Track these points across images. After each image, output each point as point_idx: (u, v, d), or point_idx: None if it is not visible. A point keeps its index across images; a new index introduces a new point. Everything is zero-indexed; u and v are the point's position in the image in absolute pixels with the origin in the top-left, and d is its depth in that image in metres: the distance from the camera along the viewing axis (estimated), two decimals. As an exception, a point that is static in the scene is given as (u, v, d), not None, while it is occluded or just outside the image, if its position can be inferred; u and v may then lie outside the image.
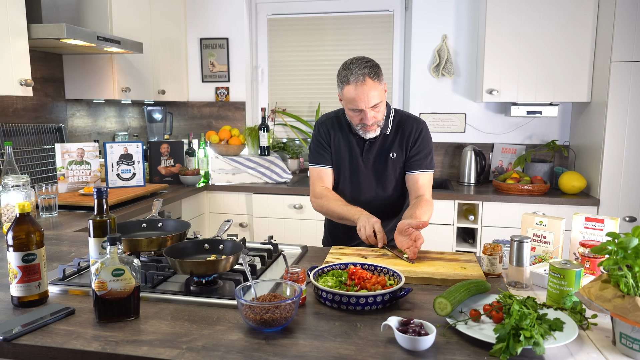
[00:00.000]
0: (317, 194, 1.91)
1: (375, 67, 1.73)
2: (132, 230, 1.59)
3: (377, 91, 1.71)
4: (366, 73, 1.69)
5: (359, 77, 1.69)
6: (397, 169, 1.89)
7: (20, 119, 2.64)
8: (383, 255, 1.60)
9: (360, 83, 1.68)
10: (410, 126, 1.88)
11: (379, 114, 1.78)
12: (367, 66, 1.70)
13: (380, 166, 1.89)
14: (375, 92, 1.71)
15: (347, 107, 1.77)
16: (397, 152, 1.87)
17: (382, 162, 1.88)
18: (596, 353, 1.00)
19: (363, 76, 1.68)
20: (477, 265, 1.48)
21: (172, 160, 3.32)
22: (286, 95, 3.90)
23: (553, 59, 3.05)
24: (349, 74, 1.70)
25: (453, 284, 1.33)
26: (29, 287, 1.20)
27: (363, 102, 1.70)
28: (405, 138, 1.87)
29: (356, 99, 1.71)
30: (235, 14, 3.75)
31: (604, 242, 1.03)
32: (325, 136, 1.94)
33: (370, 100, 1.70)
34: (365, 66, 1.70)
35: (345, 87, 1.72)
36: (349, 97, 1.72)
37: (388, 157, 1.88)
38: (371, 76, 1.70)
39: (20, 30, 2.16)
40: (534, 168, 3.29)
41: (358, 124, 1.80)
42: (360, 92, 1.69)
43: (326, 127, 1.94)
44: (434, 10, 3.48)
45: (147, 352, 0.98)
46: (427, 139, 1.89)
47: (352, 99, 1.72)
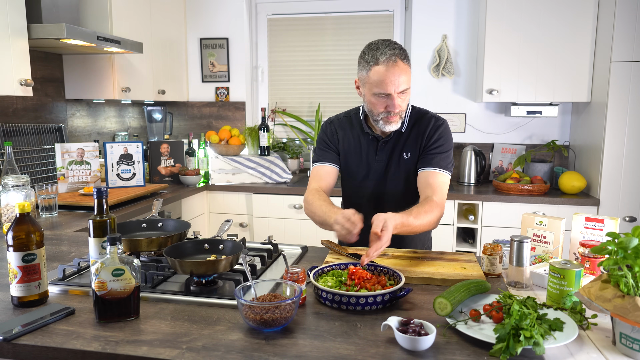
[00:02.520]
0: (307, 199, 1.71)
1: (405, 50, 1.59)
2: (132, 230, 1.59)
3: (407, 76, 1.57)
4: (397, 54, 1.54)
5: (390, 57, 1.53)
6: (410, 170, 1.74)
7: (20, 119, 2.64)
8: (383, 255, 1.59)
9: (392, 63, 1.53)
10: (427, 122, 1.73)
11: (404, 103, 1.62)
12: (397, 47, 1.56)
13: (392, 167, 1.75)
14: (405, 77, 1.56)
15: (372, 92, 1.59)
16: (410, 152, 1.73)
17: (395, 163, 1.75)
18: (596, 353, 1.00)
19: (394, 56, 1.53)
20: (477, 265, 1.48)
21: (172, 160, 3.32)
22: (286, 95, 3.90)
23: (553, 59, 3.05)
24: (378, 54, 1.54)
25: (453, 284, 1.33)
26: (29, 287, 1.20)
27: (392, 85, 1.54)
28: (420, 135, 1.71)
29: (385, 81, 1.54)
30: (235, 14, 3.75)
31: (604, 242, 1.03)
32: (331, 135, 1.81)
33: (400, 84, 1.55)
34: (396, 47, 1.56)
35: (373, 67, 1.54)
36: (377, 79, 1.54)
37: (401, 157, 1.74)
38: (402, 58, 1.55)
39: (20, 30, 2.16)
40: (534, 168, 3.29)
41: (381, 113, 1.62)
42: (392, 74, 1.53)
43: (334, 127, 1.82)
44: (434, 10, 3.48)
45: (147, 352, 0.98)
46: (445, 137, 1.71)
47: (381, 82, 1.54)
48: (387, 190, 1.77)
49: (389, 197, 1.78)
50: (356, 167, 1.80)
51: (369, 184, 1.79)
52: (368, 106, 1.66)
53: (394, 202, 1.76)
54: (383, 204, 1.77)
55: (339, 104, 3.78)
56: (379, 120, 1.65)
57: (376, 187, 1.79)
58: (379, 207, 1.75)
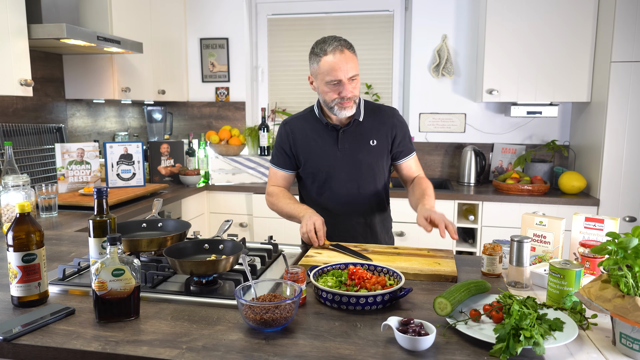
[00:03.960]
0: (269, 191, 1.93)
1: (350, 43, 1.72)
2: (132, 230, 1.59)
3: (354, 63, 1.69)
4: (343, 44, 1.68)
5: (337, 47, 1.66)
6: (380, 157, 1.84)
7: (20, 119, 2.64)
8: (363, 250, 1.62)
9: (339, 52, 1.66)
10: (385, 113, 1.86)
11: (356, 90, 1.73)
12: (343, 40, 1.70)
13: (360, 154, 1.81)
14: (353, 64, 1.68)
15: (324, 81, 1.70)
16: (377, 140, 1.82)
17: (362, 150, 1.81)
18: (596, 353, 1.00)
19: (341, 46, 1.67)
20: (452, 261, 1.51)
21: (172, 160, 3.32)
22: (286, 95, 3.90)
23: (553, 59, 3.05)
24: (326, 46, 1.67)
25: (426, 278, 1.40)
26: (29, 287, 1.20)
27: (342, 72, 1.66)
28: (385, 126, 1.83)
29: (335, 68, 1.66)
30: (235, 14, 3.75)
31: (604, 242, 1.03)
32: (286, 137, 1.87)
33: (349, 70, 1.67)
34: (341, 39, 1.70)
35: (322, 58, 1.68)
36: (326, 68, 1.67)
37: (367, 144, 1.82)
38: (348, 47, 1.69)
39: (20, 30, 2.16)
40: (534, 168, 3.29)
41: (334, 99, 1.71)
42: (339, 61, 1.65)
43: (288, 128, 1.88)
44: (434, 10, 3.48)
45: (147, 352, 0.98)
46: (404, 123, 1.89)
47: (331, 69, 1.66)
48: (357, 179, 1.83)
49: (360, 187, 1.84)
50: (319, 159, 1.84)
51: (337, 172, 1.83)
52: (322, 97, 1.76)
53: (365, 191, 1.85)
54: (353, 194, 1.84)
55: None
56: (333, 106, 1.74)
57: (346, 176, 1.83)
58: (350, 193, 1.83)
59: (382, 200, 1.92)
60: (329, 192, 1.85)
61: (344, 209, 1.85)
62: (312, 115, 1.87)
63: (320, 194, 1.87)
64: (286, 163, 1.90)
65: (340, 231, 1.85)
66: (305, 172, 1.89)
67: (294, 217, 1.79)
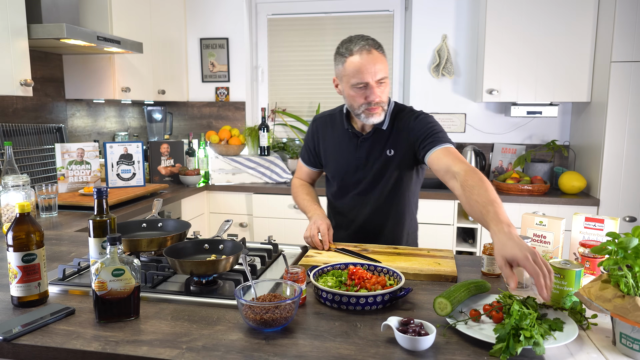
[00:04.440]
0: (292, 183, 1.98)
1: (379, 42, 1.60)
2: (132, 230, 1.59)
3: (383, 64, 1.55)
4: (371, 44, 1.55)
5: (363, 47, 1.53)
6: (397, 168, 1.70)
7: (20, 119, 2.64)
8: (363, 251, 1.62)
9: (367, 52, 1.53)
10: (405, 117, 1.70)
11: (384, 94, 1.59)
12: (371, 39, 1.57)
13: (376, 164, 1.71)
14: (382, 66, 1.55)
15: (350, 84, 1.57)
16: (394, 149, 1.69)
17: (378, 160, 1.71)
18: (596, 353, 1.00)
19: (368, 46, 1.54)
20: (452, 262, 1.51)
21: (172, 160, 3.32)
22: (286, 95, 3.90)
23: (553, 59, 3.05)
24: (352, 45, 1.55)
25: (425, 278, 1.39)
26: (29, 287, 1.20)
27: (369, 74, 1.53)
28: (402, 132, 1.68)
29: (362, 70, 1.52)
30: (235, 14, 3.75)
31: (604, 242, 1.03)
32: (312, 135, 1.86)
33: (377, 72, 1.53)
34: (369, 38, 1.57)
35: (347, 59, 1.55)
36: (353, 69, 1.54)
37: (384, 154, 1.70)
38: (376, 47, 1.55)
39: (20, 30, 2.16)
40: (534, 168, 3.29)
41: (362, 105, 1.59)
42: (366, 62, 1.52)
43: (315, 126, 1.86)
44: (434, 10, 3.48)
45: (147, 352, 0.98)
46: (427, 119, 1.66)
47: (357, 71, 1.53)
48: (370, 187, 1.75)
49: (372, 194, 1.76)
50: (337, 165, 1.80)
51: (351, 181, 1.78)
52: (348, 101, 1.64)
53: (377, 197, 1.76)
54: (368, 200, 1.78)
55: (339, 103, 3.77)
56: (360, 113, 1.62)
57: (360, 184, 1.77)
58: (364, 203, 1.78)
59: (399, 214, 1.79)
60: (344, 198, 1.82)
61: (357, 218, 1.81)
62: (340, 117, 1.79)
63: (336, 199, 1.85)
64: (310, 160, 1.89)
65: (352, 239, 1.82)
66: (328, 173, 1.87)
67: (306, 215, 1.79)
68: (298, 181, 1.96)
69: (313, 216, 1.72)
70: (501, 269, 1.09)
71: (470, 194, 1.34)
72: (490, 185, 1.34)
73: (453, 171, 1.47)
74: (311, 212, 1.75)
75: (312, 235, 1.64)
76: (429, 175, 3.33)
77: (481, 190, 1.31)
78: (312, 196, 1.86)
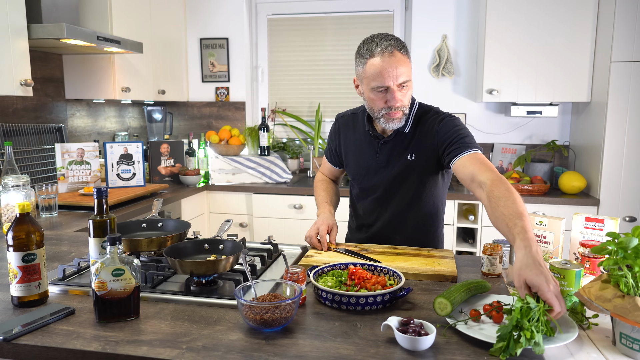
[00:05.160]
0: (315, 177, 1.98)
1: (403, 42, 1.51)
2: (132, 230, 1.59)
3: (406, 67, 1.48)
4: (394, 45, 1.47)
5: (386, 48, 1.45)
6: (419, 173, 1.63)
7: (20, 119, 2.64)
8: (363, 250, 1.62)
9: (389, 54, 1.45)
10: (430, 120, 1.61)
11: (406, 98, 1.53)
12: (394, 39, 1.49)
13: (396, 168, 1.64)
14: (404, 68, 1.47)
15: (370, 87, 1.51)
16: (416, 154, 1.61)
17: (397, 165, 1.64)
18: (596, 353, 1.00)
19: (391, 47, 1.46)
20: (452, 262, 1.51)
21: (172, 160, 3.32)
22: (286, 95, 3.90)
23: (553, 59, 3.05)
24: (374, 46, 1.47)
25: (425, 278, 1.40)
26: (29, 287, 1.19)
27: (390, 77, 1.46)
28: (426, 137, 1.59)
29: (383, 73, 1.45)
30: (235, 14, 3.75)
31: (604, 242, 1.03)
32: (334, 133, 1.83)
33: (399, 76, 1.47)
34: (392, 38, 1.49)
35: (368, 60, 1.47)
36: (373, 71, 1.47)
37: (405, 157, 1.63)
38: (399, 49, 1.47)
39: (20, 30, 2.16)
40: (534, 168, 3.29)
41: (382, 109, 1.53)
42: (388, 65, 1.45)
43: (338, 125, 1.82)
44: (434, 10, 3.48)
45: (147, 352, 0.98)
46: (454, 122, 1.59)
47: (378, 73, 1.46)
48: (390, 192, 1.70)
49: (393, 198, 1.71)
50: (357, 167, 1.75)
51: (370, 184, 1.73)
52: (368, 104, 1.58)
53: (398, 202, 1.70)
54: (387, 205, 1.72)
55: (339, 104, 3.78)
56: (380, 117, 1.56)
57: (379, 188, 1.71)
58: (384, 207, 1.73)
59: (421, 220, 1.72)
60: (364, 201, 1.78)
61: (377, 222, 1.76)
62: (362, 117, 1.72)
63: (357, 200, 1.83)
64: (332, 158, 1.88)
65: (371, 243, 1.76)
66: (348, 174, 1.83)
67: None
68: (320, 175, 1.97)
69: (319, 216, 1.72)
70: (518, 289, 1.04)
71: (496, 206, 1.25)
72: (518, 196, 1.25)
73: (479, 180, 1.38)
74: (320, 211, 1.76)
75: (311, 236, 1.64)
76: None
77: (508, 202, 1.23)
78: (328, 193, 1.84)
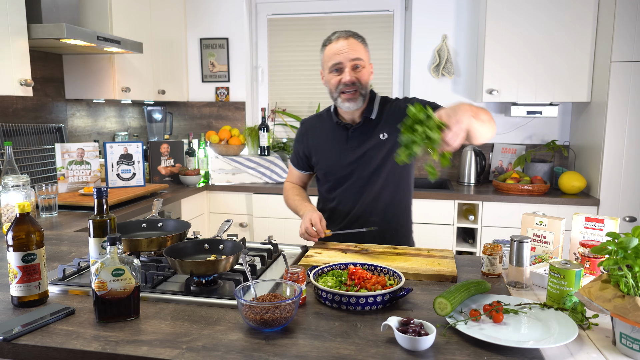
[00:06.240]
0: (284, 187, 2.02)
1: (361, 36, 1.70)
2: (132, 230, 1.59)
3: (359, 49, 1.65)
4: (350, 34, 1.67)
5: (341, 34, 1.66)
6: (390, 151, 1.72)
7: (20, 119, 2.64)
8: (363, 251, 1.63)
9: (343, 38, 1.65)
10: (395, 102, 1.79)
11: (361, 76, 1.66)
12: (352, 31, 1.70)
13: (370, 151, 1.75)
14: (358, 50, 1.64)
15: (328, 68, 1.69)
16: (388, 132, 1.73)
17: (371, 147, 1.75)
18: (596, 353, 1.00)
19: (346, 34, 1.66)
20: (452, 262, 1.51)
21: (172, 160, 3.32)
22: (286, 95, 3.90)
23: (553, 59, 3.05)
24: (332, 36, 1.69)
25: (425, 278, 1.40)
26: (29, 287, 1.20)
27: (343, 55, 1.63)
28: (394, 115, 1.71)
29: (337, 52, 1.64)
30: (235, 14, 3.75)
31: (604, 242, 1.03)
32: (302, 137, 1.91)
33: (351, 53, 1.63)
34: (350, 30, 1.70)
35: (327, 47, 1.68)
36: (329, 54, 1.66)
37: (377, 139, 1.74)
38: (356, 37, 1.67)
39: (20, 30, 2.16)
40: (534, 168, 3.29)
41: (337, 87, 1.67)
42: (341, 46, 1.64)
43: (305, 128, 1.92)
44: (434, 10, 3.48)
45: (147, 352, 0.98)
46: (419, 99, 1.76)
47: (333, 53, 1.65)
48: (365, 174, 1.78)
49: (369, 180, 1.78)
50: (329, 159, 1.83)
51: (346, 172, 1.80)
52: (328, 87, 1.74)
53: (373, 183, 1.78)
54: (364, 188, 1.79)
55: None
56: (337, 97, 1.70)
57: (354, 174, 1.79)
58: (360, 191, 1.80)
59: (399, 202, 1.82)
60: (340, 192, 1.83)
61: (355, 212, 1.81)
62: (328, 114, 1.86)
63: (331, 192, 1.86)
64: (299, 163, 1.94)
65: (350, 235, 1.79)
66: (319, 173, 1.90)
67: (298, 214, 1.83)
68: (289, 184, 2.02)
69: (305, 212, 1.75)
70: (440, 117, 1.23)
71: None
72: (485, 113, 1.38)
73: None
74: (302, 209, 1.79)
75: (306, 227, 1.66)
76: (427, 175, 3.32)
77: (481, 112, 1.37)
78: (302, 196, 1.91)
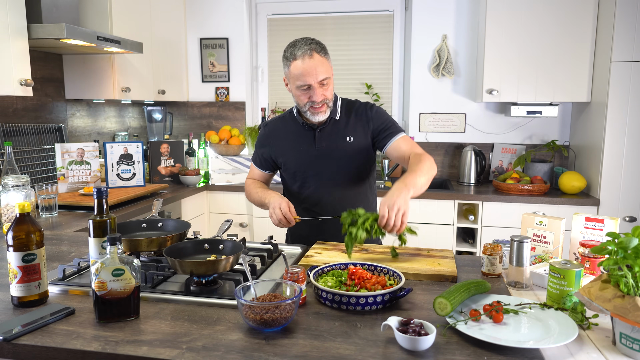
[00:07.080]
0: (246, 183, 1.99)
1: (322, 44, 1.72)
2: (132, 230, 1.59)
3: (324, 67, 1.69)
4: (313, 48, 1.68)
5: (305, 51, 1.66)
6: (358, 153, 1.82)
7: (20, 119, 2.64)
8: (363, 250, 1.63)
9: (308, 57, 1.66)
10: (360, 108, 1.85)
11: (328, 92, 1.73)
12: (314, 42, 1.70)
13: (337, 152, 1.82)
14: (323, 67, 1.68)
15: (295, 85, 1.72)
16: (354, 136, 1.82)
17: (338, 148, 1.82)
18: (596, 353, 1.00)
19: (310, 50, 1.67)
20: (452, 262, 1.51)
21: (172, 160, 3.32)
22: (286, 95, 3.90)
23: (553, 59, 3.05)
24: (295, 50, 1.68)
25: (425, 278, 1.40)
26: (29, 287, 1.20)
27: (311, 76, 1.67)
28: (360, 121, 1.82)
29: (304, 74, 1.66)
30: (235, 14, 3.75)
31: (604, 242, 1.03)
32: (263, 140, 1.93)
33: (319, 75, 1.67)
34: (312, 42, 1.69)
35: (292, 63, 1.68)
36: (296, 73, 1.68)
37: (344, 141, 1.82)
38: (318, 51, 1.68)
39: (20, 30, 2.16)
40: (534, 168, 3.29)
41: (306, 104, 1.73)
42: (308, 66, 1.66)
43: (268, 130, 1.93)
44: (434, 10, 3.48)
45: (147, 352, 0.98)
46: (380, 113, 1.85)
47: (300, 74, 1.67)
48: (335, 173, 1.84)
49: (338, 178, 1.84)
50: (297, 160, 1.86)
51: (315, 171, 1.84)
52: (296, 99, 1.78)
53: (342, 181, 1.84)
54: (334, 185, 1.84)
55: (339, 104, 3.78)
56: (306, 111, 1.76)
57: (324, 173, 1.84)
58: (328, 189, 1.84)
59: (366, 199, 1.91)
60: (309, 191, 1.87)
61: (325, 209, 1.85)
62: (291, 117, 1.89)
63: (301, 194, 1.89)
64: (262, 163, 1.96)
65: (322, 231, 1.83)
66: (286, 173, 1.92)
67: (263, 205, 1.81)
68: (250, 180, 2.00)
69: (270, 200, 1.73)
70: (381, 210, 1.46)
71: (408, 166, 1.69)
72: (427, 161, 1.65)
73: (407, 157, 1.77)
74: (267, 197, 1.77)
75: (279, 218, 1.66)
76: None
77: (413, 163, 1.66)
78: (264, 187, 1.91)
